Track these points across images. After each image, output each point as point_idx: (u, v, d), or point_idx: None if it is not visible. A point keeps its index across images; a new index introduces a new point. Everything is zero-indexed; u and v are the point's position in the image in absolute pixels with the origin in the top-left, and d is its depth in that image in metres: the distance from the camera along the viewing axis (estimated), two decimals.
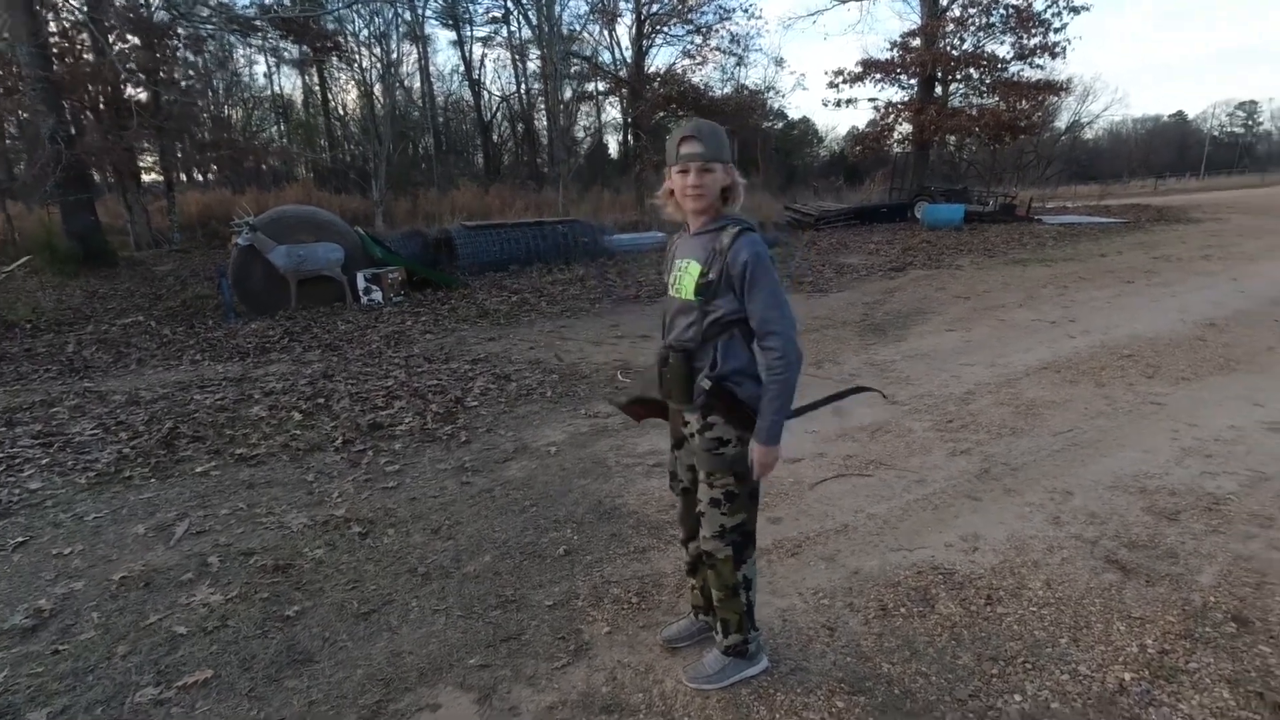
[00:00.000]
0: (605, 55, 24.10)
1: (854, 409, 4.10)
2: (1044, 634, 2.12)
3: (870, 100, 23.86)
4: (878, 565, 2.53)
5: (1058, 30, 20.28)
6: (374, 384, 5.10)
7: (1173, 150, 57.69)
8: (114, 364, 6.09)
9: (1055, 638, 2.10)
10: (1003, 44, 21.09)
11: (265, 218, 8.51)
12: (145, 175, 16.83)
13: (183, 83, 16.33)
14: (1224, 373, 4.66)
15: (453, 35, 27.81)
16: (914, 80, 22.19)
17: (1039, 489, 3.09)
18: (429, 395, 4.79)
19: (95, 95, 13.40)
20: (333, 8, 16.72)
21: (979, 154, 29.64)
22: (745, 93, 24.68)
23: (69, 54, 13.38)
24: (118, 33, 13.43)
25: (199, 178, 24.16)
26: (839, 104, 23.58)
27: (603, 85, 25.33)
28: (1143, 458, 3.37)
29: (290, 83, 29.07)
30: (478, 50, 28.12)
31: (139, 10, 13.92)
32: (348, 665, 2.10)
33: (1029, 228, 15.46)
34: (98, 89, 13.12)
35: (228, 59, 21.89)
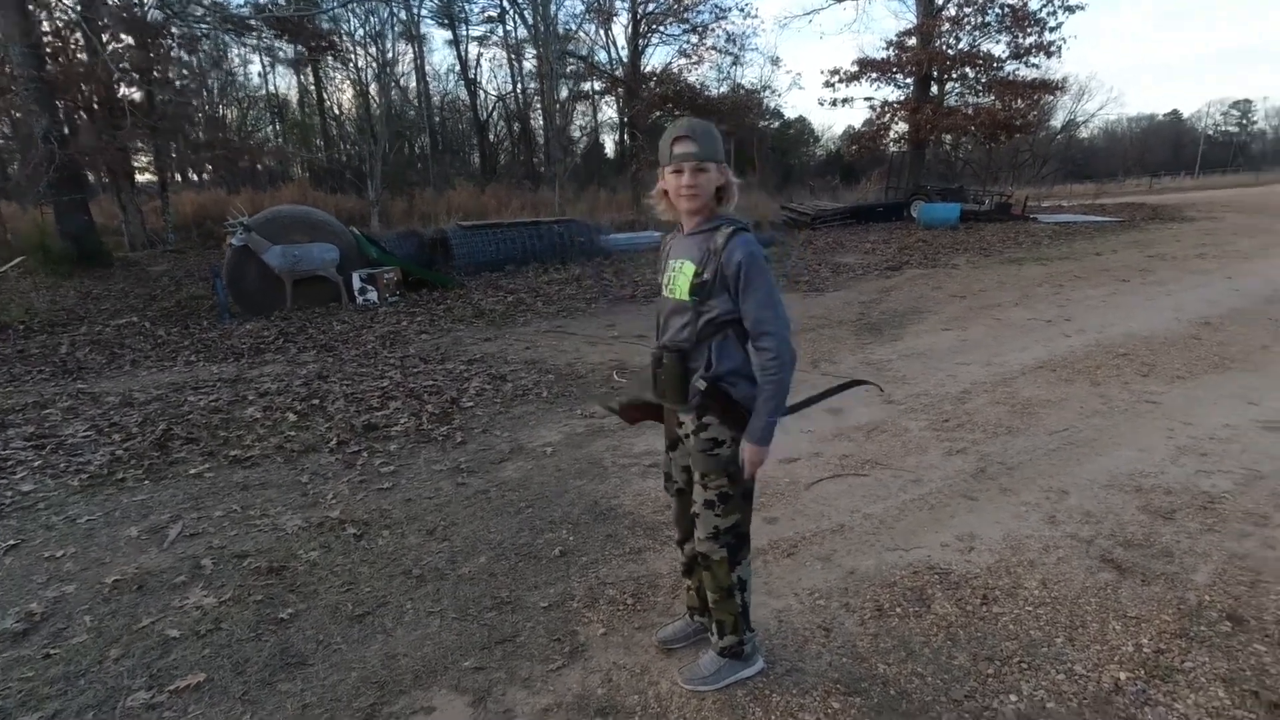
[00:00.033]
0: (601, 54, 24.13)
1: (851, 403, 4.10)
2: (1040, 634, 2.12)
3: (866, 99, 24.01)
4: (874, 565, 2.53)
5: (1053, 29, 20.38)
6: (369, 385, 5.08)
7: (1168, 149, 57.86)
8: (108, 365, 6.07)
9: (1051, 637, 2.10)
10: (998, 43, 21.18)
11: (260, 218, 8.49)
12: (139, 175, 16.77)
13: (177, 82, 16.24)
14: (1219, 371, 4.67)
15: (448, 34, 27.89)
16: (910, 79, 22.24)
17: (1035, 488, 3.09)
18: (424, 396, 4.77)
19: (89, 95, 13.31)
20: (327, 7, 16.68)
21: (975, 153, 29.68)
22: (741, 92, 24.75)
23: (62, 53, 13.29)
24: (111, 32, 13.36)
25: (194, 178, 24.09)
26: (835, 103, 23.57)
27: (599, 85, 25.32)
28: (1138, 456, 3.38)
29: (285, 82, 29.01)
30: (473, 49, 28.07)
31: (133, 9, 13.84)
32: (342, 668, 2.09)
33: (1025, 227, 15.50)
34: (91, 89, 13.04)
35: (222, 58, 21.84)
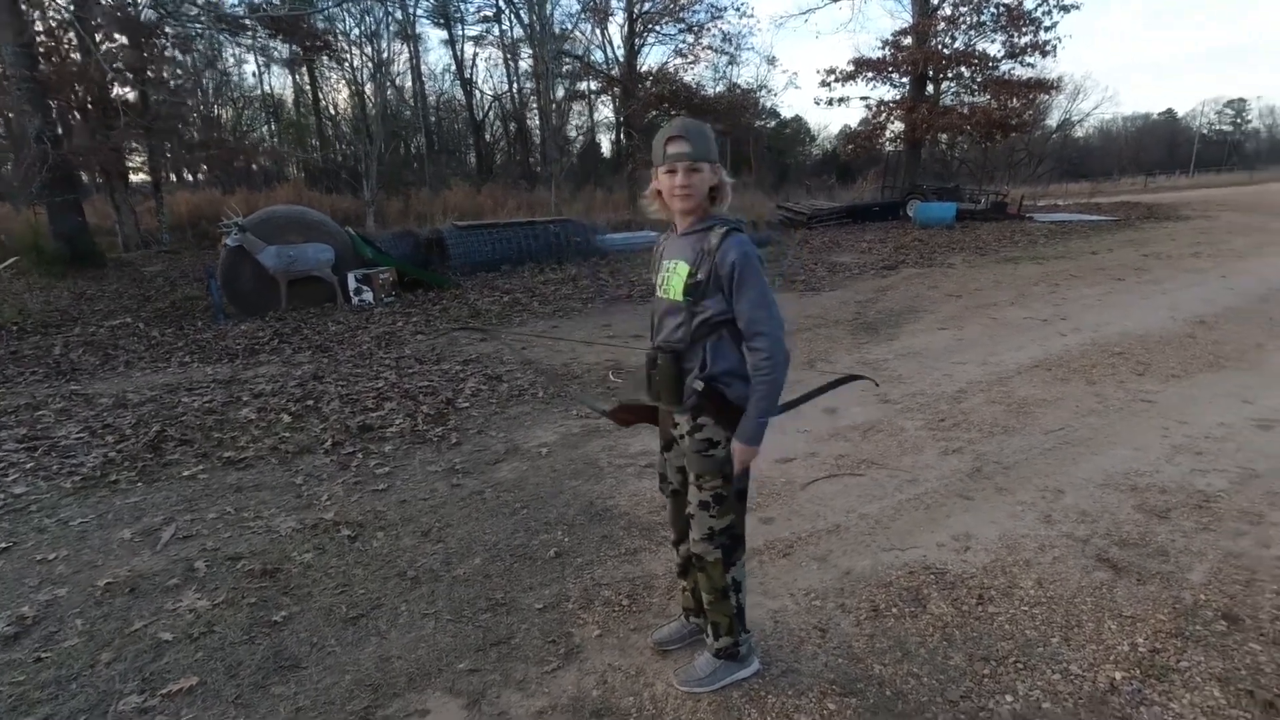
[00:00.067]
0: (597, 54, 24.05)
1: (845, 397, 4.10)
2: (1035, 633, 2.12)
3: (862, 99, 23.79)
4: (870, 565, 2.52)
5: (1048, 29, 20.36)
6: (364, 385, 5.06)
7: (1162, 148, 58.04)
8: (101, 366, 6.03)
9: (1047, 637, 2.10)
10: (994, 42, 21.16)
11: (255, 218, 8.45)
12: (133, 175, 16.68)
13: (171, 82, 16.16)
14: (1214, 370, 4.68)
15: (444, 34, 27.61)
16: (906, 79, 22.22)
17: (1030, 487, 3.09)
18: (420, 397, 4.76)
19: (82, 95, 13.24)
20: (322, 6, 16.65)
21: (971, 152, 29.71)
22: (738, 91, 24.75)
23: (55, 53, 13.22)
24: (105, 31, 13.28)
25: (188, 178, 24.00)
26: (831, 102, 23.48)
27: (595, 84, 25.25)
28: (1133, 455, 3.38)
29: (280, 82, 28.85)
30: (469, 49, 28.12)
31: (126, 9, 13.76)
32: (336, 671, 2.08)
33: (1020, 226, 15.52)
34: (84, 88, 12.95)
35: (216, 58, 21.73)
